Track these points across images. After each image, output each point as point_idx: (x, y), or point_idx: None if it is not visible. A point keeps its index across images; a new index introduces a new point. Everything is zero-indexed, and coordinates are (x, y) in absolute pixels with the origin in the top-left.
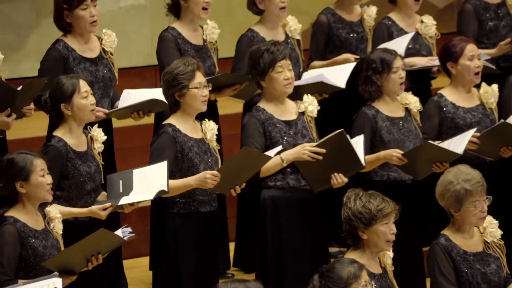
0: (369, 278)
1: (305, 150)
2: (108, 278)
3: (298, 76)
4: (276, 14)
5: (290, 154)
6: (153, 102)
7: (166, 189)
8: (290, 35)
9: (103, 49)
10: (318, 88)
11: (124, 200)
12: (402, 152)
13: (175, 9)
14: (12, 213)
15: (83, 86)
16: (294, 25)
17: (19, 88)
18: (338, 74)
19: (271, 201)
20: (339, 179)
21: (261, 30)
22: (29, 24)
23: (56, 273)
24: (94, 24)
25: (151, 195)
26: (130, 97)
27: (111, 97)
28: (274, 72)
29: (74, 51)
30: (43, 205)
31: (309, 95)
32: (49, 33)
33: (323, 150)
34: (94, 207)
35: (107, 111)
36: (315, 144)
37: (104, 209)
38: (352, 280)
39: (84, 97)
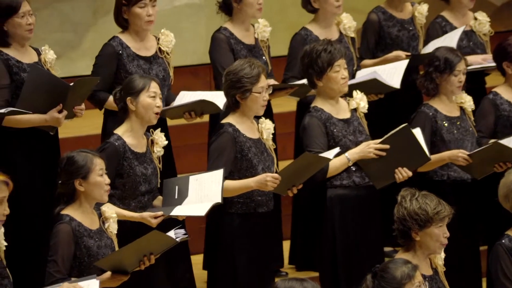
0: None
1: (370, 148)
2: (174, 273)
3: (352, 75)
4: (331, 13)
5: (356, 153)
6: (204, 103)
7: (220, 201)
8: (344, 33)
9: (159, 49)
10: (372, 88)
11: (176, 212)
12: (468, 153)
13: (227, 8)
14: (68, 211)
15: (154, 86)
16: (349, 23)
17: (71, 84)
18: (392, 73)
19: (338, 200)
20: (404, 173)
21: (314, 28)
22: (86, 23)
23: (94, 275)
24: (149, 23)
25: (203, 211)
26: (185, 98)
27: (165, 96)
28: (332, 71)
29: (129, 48)
30: (98, 204)
31: (358, 91)
32: (105, 32)
33: (387, 146)
34: (145, 214)
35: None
36: (379, 140)
37: (156, 218)
38: (406, 281)
39: (152, 97)
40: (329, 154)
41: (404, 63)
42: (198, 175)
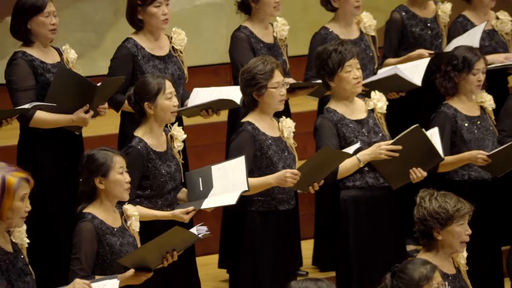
0: (443, 279)
1: (381, 149)
2: (182, 275)
3: (373, 73)
4: (350, 12)
5: (367, 154)
6: (221, 101)
7: (247, 188)
8: (364, 32)
9: (173, 47)
10: (393, 84)
11: (206, 204)
12: (487, 154)
13: (245, 7)
14: (90, 209)
15: (169, 87)
16: (369, 22)
17: (98, 84)
18: (413, 71)
19: (351, 201)
20: (418, 173)
21: (334, 27)
22: (107, 23)
23: (116, 274)
24: (165, 22)
25: (233, 199)
26: (200, 95)
27: (181, 95)
28: (343, 71)
29: (144, 49)
30: (120, 203)
31: (376, 91)
32: (126, 31)
33: (399, 147)
34: (177, 211)
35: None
36: (390, 141)
37: (187, 213)
38: (424, 282)
39: (168, 98)
40: (349, 149)
41: (425, 61)
42: (220, 165)
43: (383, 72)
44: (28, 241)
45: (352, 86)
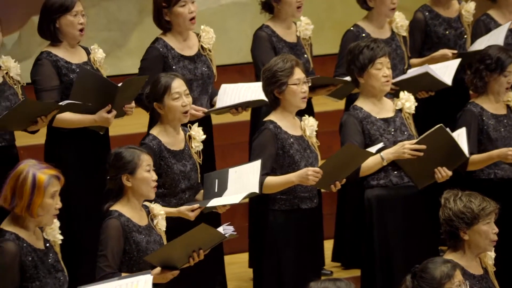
0: (469, 279)
1: (404, 148)
2: (207, 273)
3: (403, 74)
4: (385, 13)
5: (390, 153)
6: (252, 101)
7: (256, 191)
8: (396, 32)
9: (201, 46)
10: (423, 83)
11: (212, 202)
12: None
13: (268, 7)
14: (117, 207)
15: (176, 87)
16: (401, 22)
17: (119, 85)
18: (443, 72)
19: (375, 200)
20: (443, 173)
21: (367, 26)
22: (132, 22)
23: (149, 270)
24: (193, 22)
25: (237, 199)
26: (228, 92)
27: (210, 93)
28: (373, 68)
29: (173, 50)
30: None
31: (405, 92)
32: (151, 30)
33: (423, 147)
34: (182, 208)
35: (205, 110)
36: (414, 141)
37: (193, 210)
38: (445, 280)
39: (175, 99)
40: (372, 148)
41: (456, 62)
42: (238, 167)
43: (413, 71)
44: (61, 237)
45: (381, 83)
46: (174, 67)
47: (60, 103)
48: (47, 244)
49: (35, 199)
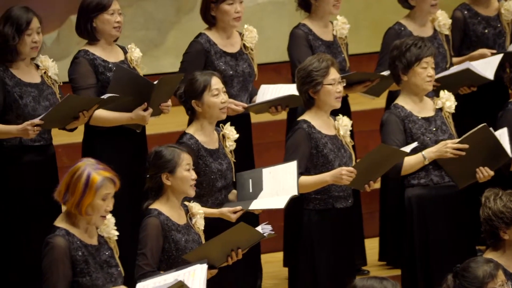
0: (509, 278)
1: (447, 147)
2: (246, 272)
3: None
4: (426, 11)
5: (432, 151)
6: (291, 97)
7: (297, 193)
8: (438, 30)
9: (244, 45)
10: (465, 79)
11: (254, 205)
12: None
13: (305, 5)
14: (156, 206)
15: (215, 83)
16: (444, 20)
17: (155, 83)
18: (485, 68)
19: (416, 200)
20: (485, 173)
21: (409, 24)
22: (169, 21)
23: (205, 259)
24: (237, 20)
25: (282, 203)
26: (268, 92)
27: (249, 92)
28: (419, 67)
29: (216, 45)
30: (184, 201)
31: (446, 91)
32: (188, 29)
33: (465, 146)
34: (224, 209)
35: (246, 105)
36: (457, 140)
37: (235, 212)
38: (488, 280)
39: (215, 95)
40: (406, 148)
41: (497, 58)
42: (271, 168)
43: (454, 68)
44: (117, 233)
45: (424, 83)
46: (215, 62)
47: (102, 97)
48: (101, 240)
49: (86, 197)
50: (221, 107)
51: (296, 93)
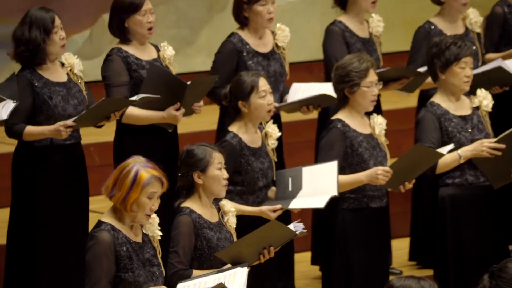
0: None
1: (483, 146)
2: (277, 271)
3: None
4: (456, 9)
5: (468, 150)
6: (323, 97)
7: (336, 193)
8: (470, 28)
9: (276, 44)
10: (497, 78)
11: (294, 205)
12: None
13: (341, 1)
14: (188, 204)
15: (263, 85)
16: (475, 18)
17: (188, 83)
18: None
19: (449, 199)
20: None
21: (439, 22)
22: (201, 19)
23: (246, 263)
24: (270, 21)
25: (322, 203)
26: (299, 91)
27: (280, 92)
28: (457, 66)
29: (248, 45)
30: (216, 200)
31: (482, 89)
32: (220, 28)
33: (502, 146)
34: (264, 208)
35: (277, 104)
36: (494, 139)
37: (274, 211)
38: None
39: (262, 97)
40: (443, 149)
41: None
42: (311, 167)
43: (486, 65)
44: (160, 233)
45: (462, 83)
46: (247, 62)
47: (133, 98)
48: (145, 239)
49: (132, 194)
50: (267, 109)
51: (328, 92)
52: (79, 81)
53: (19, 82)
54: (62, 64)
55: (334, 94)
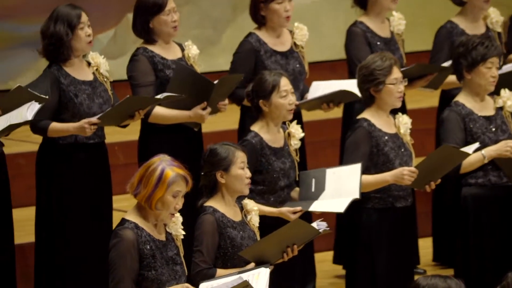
0: None
1: (508, 147)
2: (299, 270)
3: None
4: (478, 7)
5: (492, 150)
6: (343, 93)
7: (358, 196)
8: (491, 28)
9: (294, 43)
10: None
11: (315, 207)
12: None
13: (361, 1)
14: (211, 203)
15: (284, 84)
16: (496, 17)
17: (215, 82)
18: None
19: (472, 199)
20: None
21: (461, 22)
22: (225, 19)
23: (267, 264)
24: (287, 19)
25: (342, 207)
26: (320, 89)
27: (301, 90)
28: (484, 66)
29: (266, 44)
30: (239, 198)
31: (506, 89)
32: (244, 28)
33: None
34: (284, 209)
35: (297, 102)
36: None
37: (294, 213)
38: None
39: (283, 96)
40: (469, 149)
41: None
42: (336, 169)
43: (508, 66)
44: (183, 232)
45: (487, 83)
46: (266, 61)
47: (158, 96)
48: (169, 237)
49: (157, 191)
50: (288, 108)
51: (348, 88)
52: (105, 80)
53: (46, 78)
54: (89, 63)
55: (354, 90)
